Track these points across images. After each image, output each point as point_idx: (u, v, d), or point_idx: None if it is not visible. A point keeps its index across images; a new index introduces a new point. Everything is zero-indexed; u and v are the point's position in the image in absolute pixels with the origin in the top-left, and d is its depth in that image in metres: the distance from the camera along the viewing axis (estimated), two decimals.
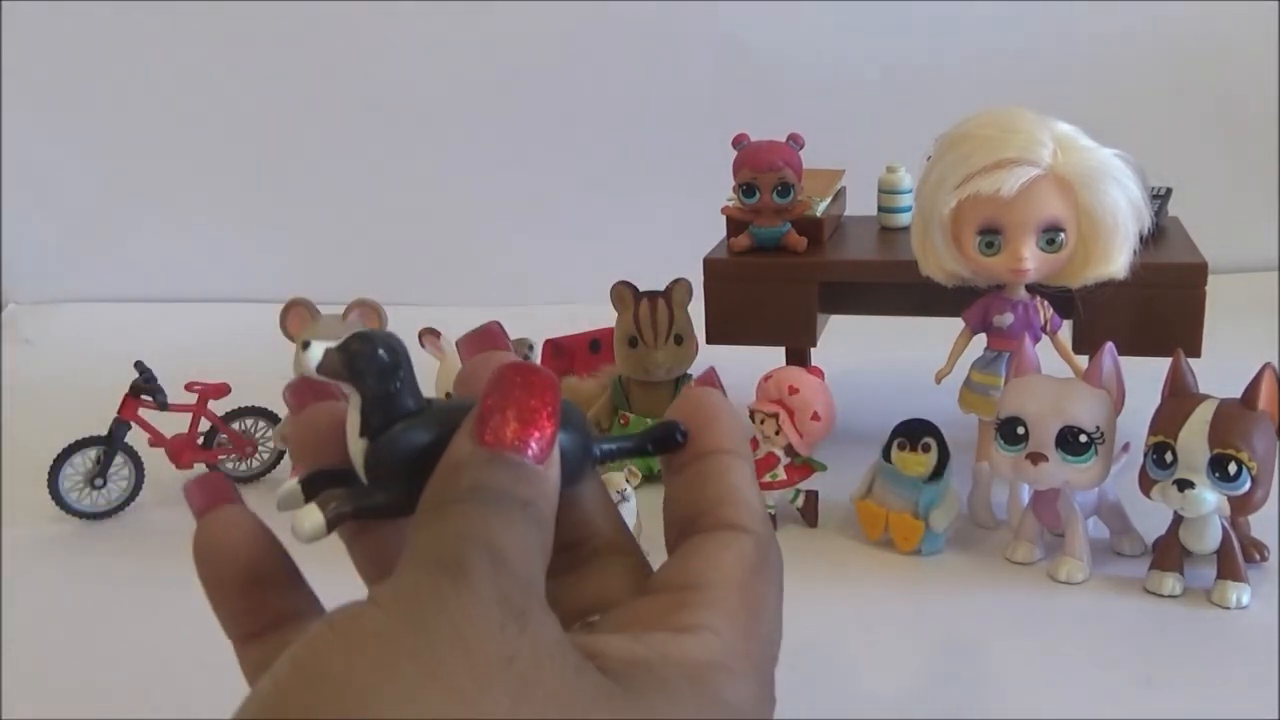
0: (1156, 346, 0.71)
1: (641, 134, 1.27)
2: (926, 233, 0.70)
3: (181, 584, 0.60)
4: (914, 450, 0.67)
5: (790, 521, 0.73)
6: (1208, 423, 0.59)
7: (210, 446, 0.82)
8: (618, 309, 0.77)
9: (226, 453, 0.82)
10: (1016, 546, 0.67)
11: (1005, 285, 0.71)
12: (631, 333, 0.76)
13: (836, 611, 0.62)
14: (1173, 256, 0.76)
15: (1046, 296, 0.71)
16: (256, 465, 0.84)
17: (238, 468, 0.83)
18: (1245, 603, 0.61)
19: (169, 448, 0.80)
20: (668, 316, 0.76)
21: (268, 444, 0.84)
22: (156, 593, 0.67)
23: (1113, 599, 0.63)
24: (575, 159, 1.29)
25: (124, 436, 0.78)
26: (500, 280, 1.25)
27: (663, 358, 0.76)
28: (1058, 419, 0.62)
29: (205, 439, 0.82)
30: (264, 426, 0.83)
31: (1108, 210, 0.66)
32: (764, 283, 0.80)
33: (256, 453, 0.83)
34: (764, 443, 0.71)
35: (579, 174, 1.29)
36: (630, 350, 0.77)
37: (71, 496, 0.77)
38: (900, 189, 0.87)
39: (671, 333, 0.76)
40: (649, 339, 0.76)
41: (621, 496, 0.65)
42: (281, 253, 1.28)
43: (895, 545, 0.68)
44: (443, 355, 0.77)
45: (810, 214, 0.82)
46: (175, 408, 0.80)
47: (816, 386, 0.71)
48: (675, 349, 0.76)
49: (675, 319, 0.76)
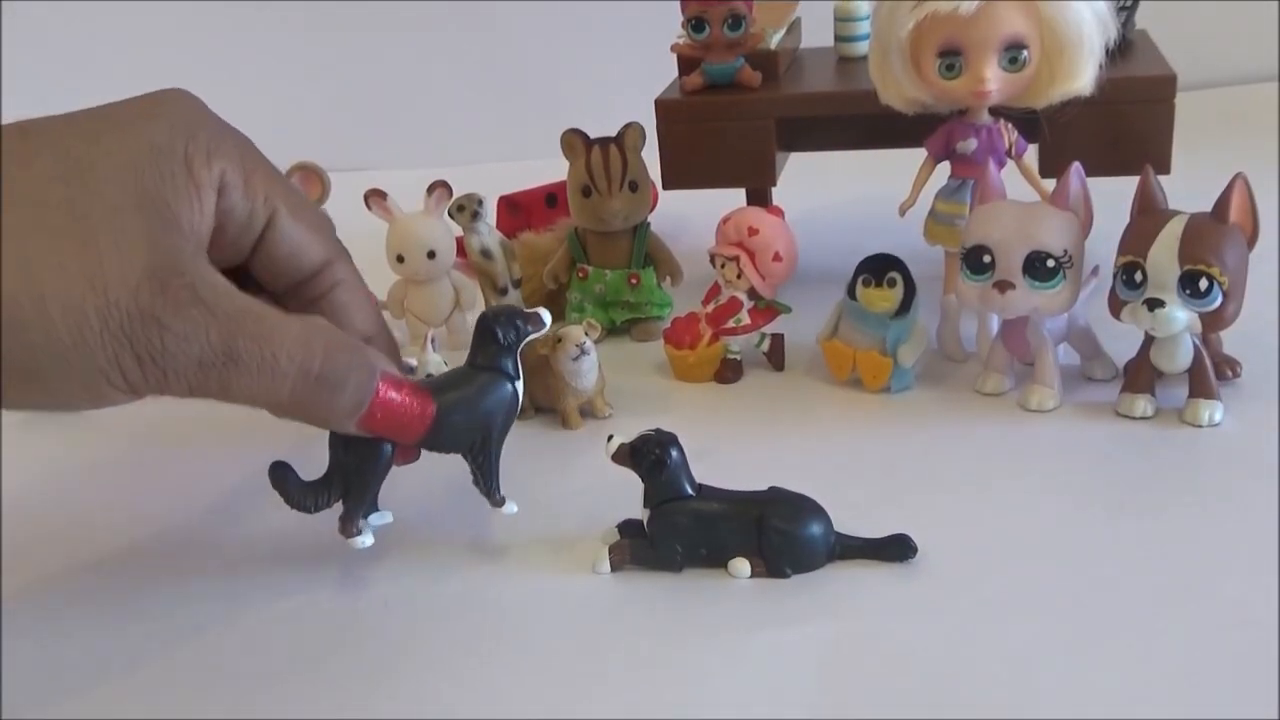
0: (1125, 165, 0.68)
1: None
2: (885, 59, 0.67)
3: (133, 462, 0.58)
4: (879, 286, 0.65)
5: (756, 366, 0.71)
6: (1178, 238, 0.57)
7: None
8: (569, 158, 0.74)
9: None
10: (986, 378, 0.66)
11: (968, 109, 0.68)
12: (585, 182, 0.73)
13: (807, 454, 0.61)
14: (1140, 70, 0.73)
15: (1011, 119, 0.69)
16: None
17: None
18: (1218, 420, 0.60)
19: None
20: (621, 163, 0.73)
21: None
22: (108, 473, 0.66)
23: (1085, 425, 0.62)
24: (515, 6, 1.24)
25: None
26: (449, 139, 1.22)
27: (618, 206, 0.73)
28: (1024, 245, 0.61)
29: None
30: None
31: (1071, 23, 0.63)
32: (719, 122, 0.78)
33: None
34: (726, 287, 0.70)
35: (521, 23, 1.24)
36: (584, 200, 0.74)
37: None
38: (857, 16, 0.84)
39: (626, 179, 0.73)
40: (603, 187, 0.73)
41: (581, 350, 0.63)
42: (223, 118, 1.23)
43: (864, 384, 0.67)
44: (391, 216, 0.74)
45: (764, 47, 0.79)
46: None
47: (777, 226, 0.69)
48: (631, 196, 0.74)
49: (629, 165, 0.73)
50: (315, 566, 0.54)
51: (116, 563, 0.57)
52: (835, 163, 0.89)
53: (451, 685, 0.47)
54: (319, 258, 0.48)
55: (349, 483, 0.52)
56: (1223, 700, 0.42)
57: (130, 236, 0.39)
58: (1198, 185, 0.63)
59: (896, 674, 0.45)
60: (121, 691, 0.48)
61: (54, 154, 0.40)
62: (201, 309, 0.40)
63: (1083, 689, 0.43)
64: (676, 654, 0.47)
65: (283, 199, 0.46)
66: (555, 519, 0.57)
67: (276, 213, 0.46)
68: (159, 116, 0.43)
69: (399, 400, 0.48)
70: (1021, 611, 0.48)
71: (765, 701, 0.44)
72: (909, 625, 0.48)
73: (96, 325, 0.38)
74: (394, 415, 0.48)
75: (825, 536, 0.51)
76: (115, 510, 0.62)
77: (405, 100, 1.26)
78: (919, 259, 0.68)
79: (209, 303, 0.41)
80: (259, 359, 0.42)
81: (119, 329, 0.38)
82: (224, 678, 0.48)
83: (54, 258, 0.38)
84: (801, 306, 0.71)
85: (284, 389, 0.43)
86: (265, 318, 0.42)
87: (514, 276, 0.73)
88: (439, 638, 0.50)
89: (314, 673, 0.48)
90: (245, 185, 0.45)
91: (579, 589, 0.52)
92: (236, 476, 0.64)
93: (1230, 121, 1.10)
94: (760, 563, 0.51)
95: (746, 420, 0.66)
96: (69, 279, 0.38)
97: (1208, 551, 0.51)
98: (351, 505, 0.52)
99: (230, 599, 0.53)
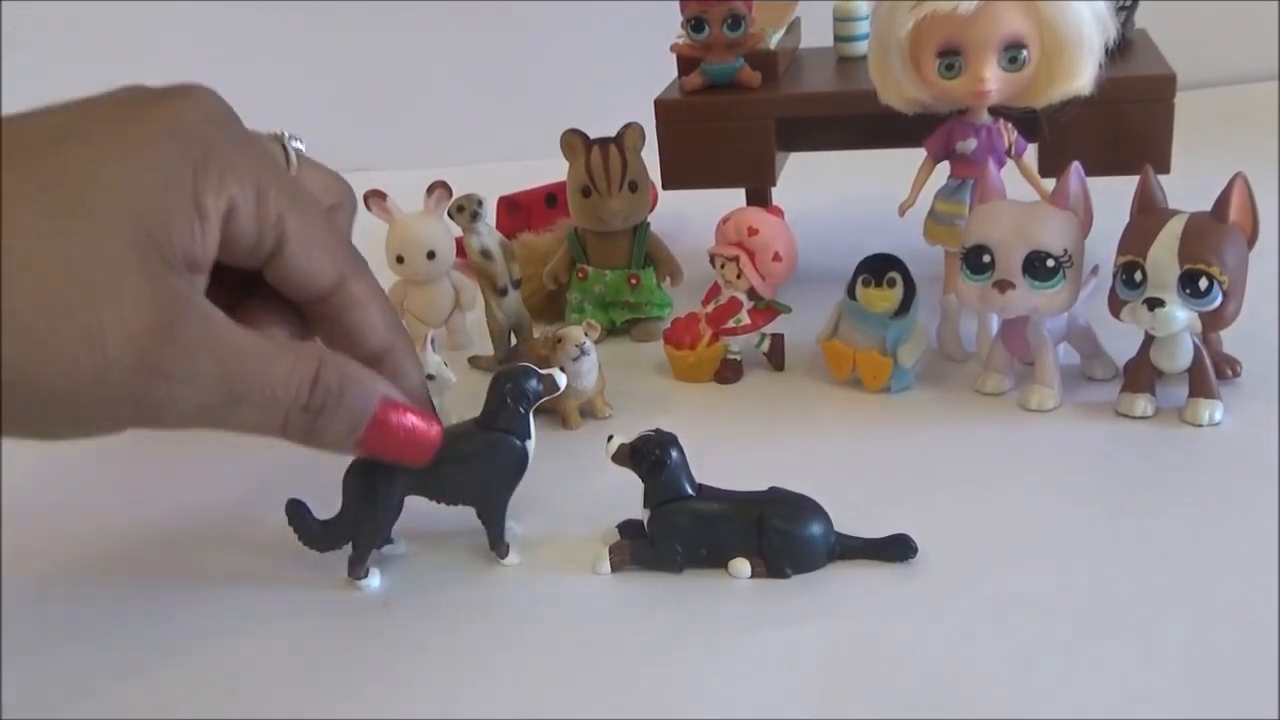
0: (1125, 164, 0.68)
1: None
2: (884, 59, 0.67)
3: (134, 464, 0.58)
4: (879, 286, 0.65)
5: (756, 366, 0.71)
6: (1178, 238, 0.57)
7: None
8: (568, 158, 0.74)
9: None
10: (986, 378, 0.66)
11: (967, 109, 0.68)
12: (584, 182, 0.73)
13: (807, 454, 0.61)
14: (1140, 69, 0.73)
15: (1010, 119, 0.69)
16: None
17: None
18: (1218, 419, 0.60)
19: None
20: (620, 163, 0.73)
21: None
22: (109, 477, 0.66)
23: (1085, 424, 0.62)
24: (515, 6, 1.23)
25: None
26: (449, 139, 1.21)
27: (618, 206, 0.73)
28: (1024, 244, 0.61)
29: None
30: None
31: (1071, 23, 0.63)
32: (719, 122, 0.78)
33: None
34: (726, 287, 0.70)
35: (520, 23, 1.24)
36: (584, 200, 0.74)
37: None
38: (857, 16, 0.84)
39: (625, 180, 0.73)
40: (602, 187, 0.73)
41: (581, 350, 0.63)
42: None
43: (864, 384, 0.67)
44: (390, 217, 0.74)
45: (764, 47, 0.79)
46: None
47: (777, 226, 0.69)
48: (630, 196, 0.73)
49: (629, 165, 0.73)
50: (315, 566, 0.54)
51: (116, 563, 0.57)
52: (835, 163, 0.89)
53: (452, 685, 0.47)
54: (329, 281, 0.46)
55: (358, 526, 0.53)
56: (1222, 700, 0.42)
57: (131, 287, 0.37)
58: (1197, 185, 0.63)
59: (896, 674, 0.45)
60: (121, 691, 0.48)
61: (51, 190, 0.37)
62: (206, 357, 0.39)
63: (1083, 689, 0.43)
64: (677, 654, 0.47)
65: (293, 221, 0.44)
66: (555, 519, 0.57)
67: (285, 239, 0.44)
68: (169, 135, 0.40)
69: (399, 423, 0.47)
70: (1022, 612, 0.48)
71: (765, 701, 0.44)
72: (909, 625, 0.48)
73: (94, 384, 0.37)
74: (394, 438, 0.47)
75: (825, 536, 0.51)
76: (115, 510, 0.62)
77: (405, 100, 1.26)
78: (919, 259, 0.68)
79: (213, 349, 0.39)
80: (259, 397, 0.41)
81: (118, 384, 0.37)
82: (224, 678, 0.48)
83: (50, 319, 0.36)
84: (801, 306, 0.71)
85: (279, 421, 0.43)
86: (264, 356, 0.41)
87: (514, 277, 0.73)
88: (439, 637, 0.50)
89: (314, 673, 0.48)
90: (256, 210, 0.42)
91: (579, 589, 0.52)
92: (237, 477, 0.64)
93: (1230, 121, 1.10)
94: (760, 563, 0.51)
95: (746, 420, 0.66)
96: (66, 341, 0.36)
97: (1208, 551, 0.51)
98: (360, 549, 0.53)
99: (230, 599, 0.53)
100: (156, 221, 0.39)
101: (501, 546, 0.53)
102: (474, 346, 0.77)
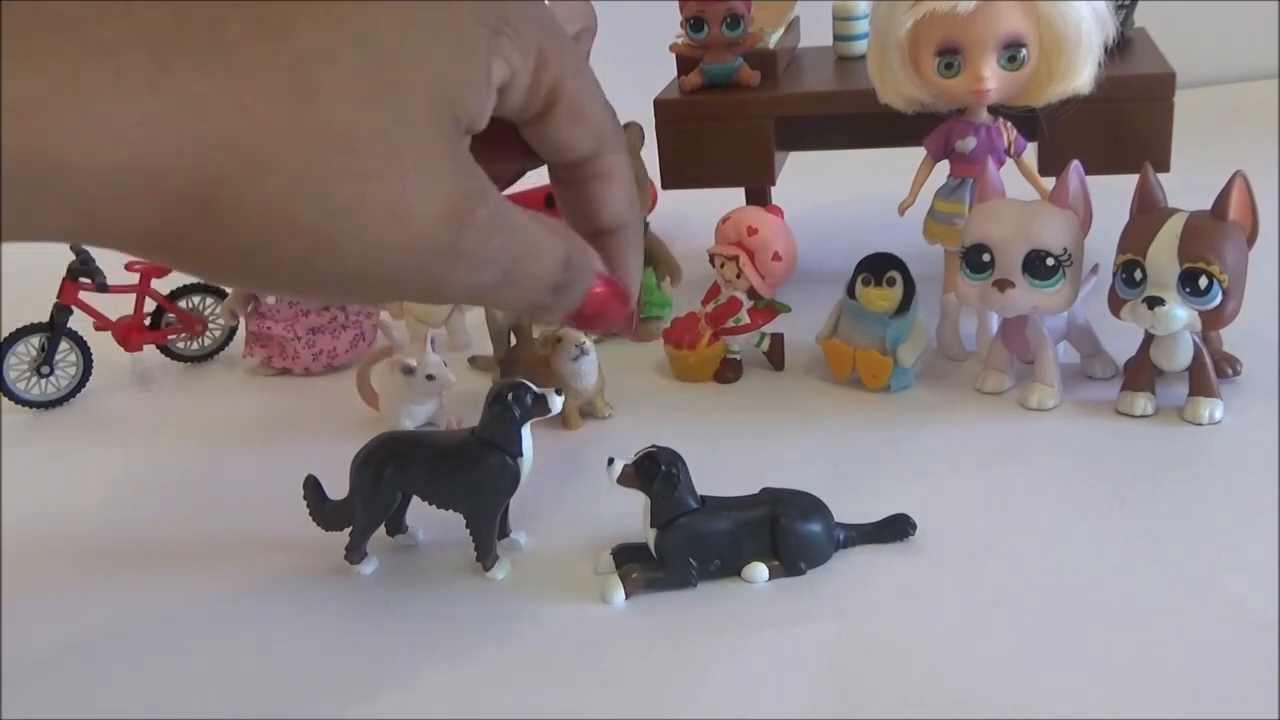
0: (1124, 163, 0.68)
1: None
2: (883, 58, 0.67)
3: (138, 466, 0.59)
4: (879, 285, 0.65)
5: (756, 365, 0.71)
6: (1177, 236, 0.57)
7: (158, 327, 0.79)
8: None
9: (176, 332, 0.80)
10: (986, 376, 0.66)
11: (966, 108, 0.68)
12: None
13: (807, 453, 0.61)
14: (1139, 67, 0.73)
15: (1009, 117, 0.69)
16: (209, 343, 0.81)
17: (189, 347, 0.81)
18: (1218, 418, 0.60)
19: (115, 330, 0.78)
20: None
21: (218, 321, 0.81)
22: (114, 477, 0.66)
23: (1085, 423, 0.62)
24: None
25: (66, 322, 0.76)
26: None
27: None
28: (1024, 243, 0.61)
29: (153, 320, 0.79)
30: (212, 303, 0.81)
31: (1070, 21, 0.63)
32: (718, 122, 0.78)
33: (207, 330, 0.81)
34: (726, 286, 0.70)
35: None
36: None
37: (19, 386, 0.74)
38: (855, 15, 0.84)
39: None
40: None
41: (581, 350, 0.63)
42: None
43: (864, 383, 0.67)
44: None
45: (763, 46, 0.79)
46: (116, 288, 0.77)
47: (776, 225, 0.69)
48: None
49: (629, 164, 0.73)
50: (316, 567, 0.54)
51: (116, 563, 0.57)
52: (834, 162, 0.89)
53: (452, 684, 0.47)
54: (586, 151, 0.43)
55: (357, 514, 0.53)
56: (1222, 699, 0.42)
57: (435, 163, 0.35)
58: (1197, 183, 0.63)
59: (901, 669, 0.45)
60: (122, 691, 0.48)
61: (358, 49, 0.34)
62: (498, 240, 0.37)
63: (1083, 687, 0.43)
64: (681, 654, 0.47)
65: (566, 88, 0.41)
66: (555, 519, 0.57)
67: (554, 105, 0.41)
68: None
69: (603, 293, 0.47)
70: (1023, 611, 0.48)
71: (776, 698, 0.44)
72: (911, 624, 0.47)
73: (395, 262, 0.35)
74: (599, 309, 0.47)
75: (830, 529, 0.52)
76: (115, 510, 0.62)
77: None
78: (918, 258, 0.68)
79: (504, 232, 0.37)
80: (527, 278, 0.39)
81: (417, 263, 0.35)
82: (225, 678, 0.48)
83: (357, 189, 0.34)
84: (801, 306, 0.71)
85: (528, 299, 0.42)
86: (539, 237, 0.39)
87: None
88: (439, 637, 0.49)
89: (314, 673, 0.48)
90: (532, 80, 0.40)
91: (580, 588, 0.52)
92: (238, 477, 0.64)
93: (1229, 119, 1.10)
94: (776, 563, 0.51)
95: (746, 420, 0.66)
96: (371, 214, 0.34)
97: (1208, 549, 0.51)
98: (358, 534, 0.54)
99: (231, 599, 0.53)
100: (456, 92, 0.36)
101: (489, 559, 0.53)
102: (474, 346, 0.77)
